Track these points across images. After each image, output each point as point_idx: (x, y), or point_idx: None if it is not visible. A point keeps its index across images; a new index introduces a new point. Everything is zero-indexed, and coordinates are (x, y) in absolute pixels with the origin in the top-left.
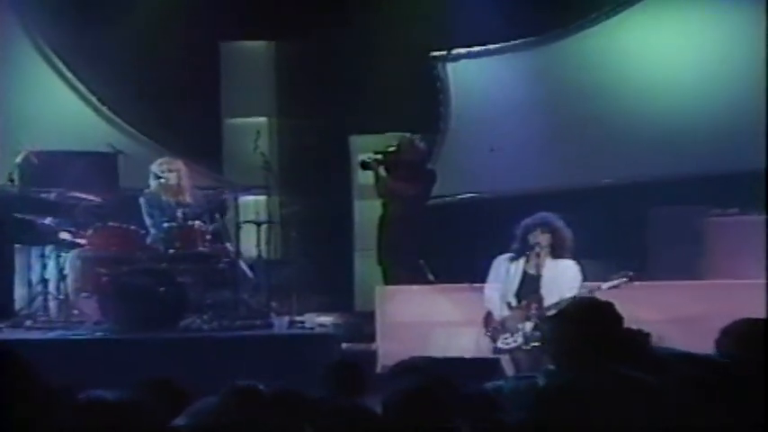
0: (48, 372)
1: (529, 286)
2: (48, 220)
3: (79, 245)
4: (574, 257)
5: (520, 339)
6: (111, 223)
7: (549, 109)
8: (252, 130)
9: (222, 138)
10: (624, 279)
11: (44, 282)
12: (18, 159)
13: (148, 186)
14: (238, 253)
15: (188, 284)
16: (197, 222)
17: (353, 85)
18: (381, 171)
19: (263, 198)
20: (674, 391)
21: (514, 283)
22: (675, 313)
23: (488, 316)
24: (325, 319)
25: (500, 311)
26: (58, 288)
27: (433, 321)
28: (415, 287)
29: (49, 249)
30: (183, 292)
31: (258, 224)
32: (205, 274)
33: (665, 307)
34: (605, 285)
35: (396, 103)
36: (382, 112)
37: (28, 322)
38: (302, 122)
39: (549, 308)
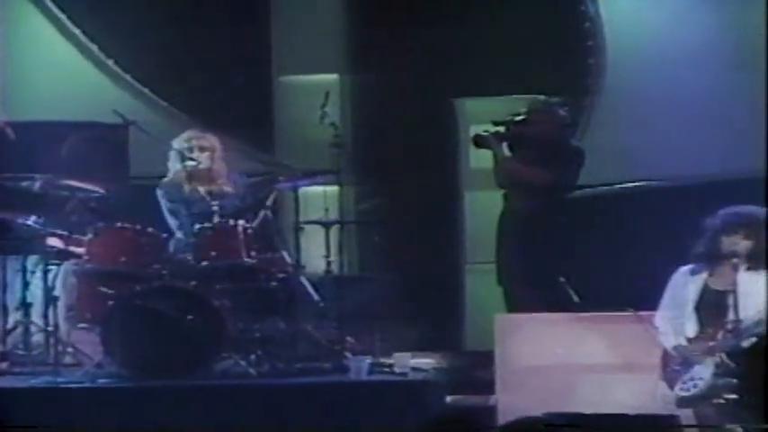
0: None
1: (715, 308)
2: (30, 220)
3: (74, 255)
4: None
5: (704, 383)
6: (118, 224)
7: (741, 62)
8: (317, 91)
9: (273, 103)
10: None
11: (25, 307)
12: None
13: (170, 172)
14: (298, 266)
15: (227, 310)
16: (239, 222)
17: (461, 27)
18: (503, 150)
19: (332, 188)
20: None
21: (696, 305)
22: None
23: (665, 355)
24: (424, 360)
25: (676, 344)
26: (44, 316)
27: (578, 363)
28: (551, 315)
29: (31, 261)
30: (220, 321)
31: (326, 225)
32: (251, 297)
33: None
34: None
35: (523, 53)
36: (503, 65)
37: (2, 365)
38: (389, 81)
39: (744, 337)
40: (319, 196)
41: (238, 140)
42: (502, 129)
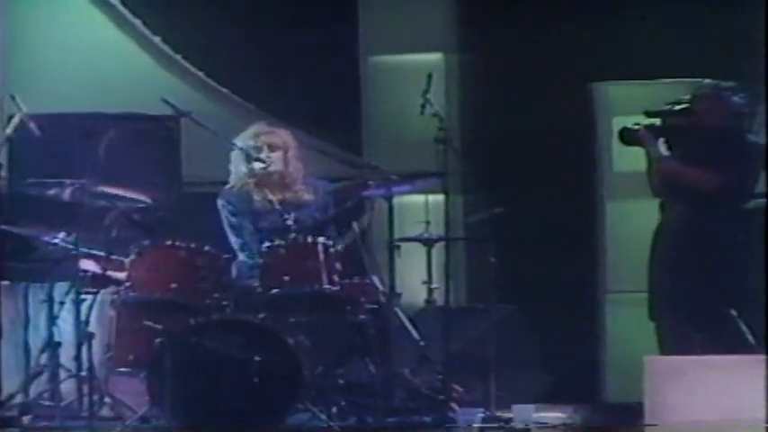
0: None
1: None
2: (58, 238)
3: (113, 281)
4: None
5: None
6: (168, 242)
7: None
8: (416, 75)
9: (361, 90)
10: None
11: (52, 347)
12: (8, 130)
13: (233, 176)
14: (393, 294)
15: (304, 350)
16: (320, 239)
17: None
18: (658, 148)
19: (436, 196)
20: None
21: None
22: None
23: None
24: (551, 414)
25: None
26: (76, 358)
27: (751, 420)
28: (717, 359)
29: (60, 289)
30: (295, 363)
31: (428, 243)
32: (334, 333)
33: None
34: None
35: (683, 25)
36: (658, 40)
37: (24, 419)
38: (508, 60)
39: None
40: (419, 206)
41: (317, 137)
42: (656, 121)
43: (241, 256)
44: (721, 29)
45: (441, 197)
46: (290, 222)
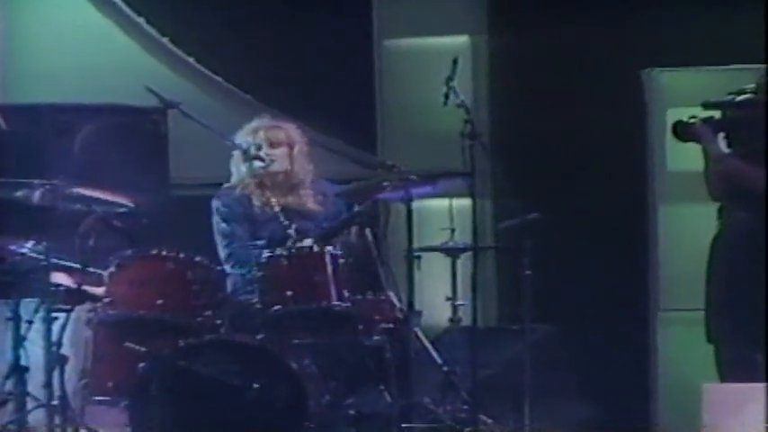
0: None
1: None
2: (26, 247)
3: (90, 297)
4: None
5: None
6: (153, 251)
7: None
8: (439, 60)
9: (374, 77)
10: None
11: (18, 373)
12: None
13: (233, 176)
14: (412, 312)
15: (309, 376)
16: (328, 249)
17: None
18: (718, 144)
19: (461, 200)
20: None
21: None
22: None
23: None
24: None
25: None
26: (47, 385)
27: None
28: None
29: (28, 307)
30: (299, 391)
31: (453, 253)
32: (344, 356)
33: None
34: None
35: (743, 6)
36: (713, 23)
37: None
38: (545, 44)
39: None
40: (443, 211)
41: (324, 132)
42: (716, 113)
43: (229, 268)
44: None
45: (467, 200)
46: (292, 231)
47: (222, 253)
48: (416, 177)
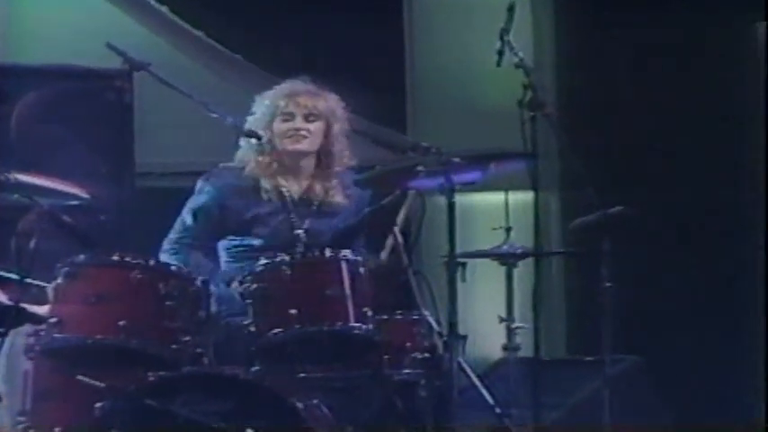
0: None
1: None
2: None
3: (31, 317)
4: None
5: None
6: (114, 257)
7: None
8: (488, 7)
9: (405, 34)
10: None
11: None
12: None
13: (241, 152)
14: (454, 336)
15: (321, 419)
16: (344, 254)
17: None
18: None
19: (520, 193)
20: None
21: None
22: None
23: None
24: None
25: None
26: None
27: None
28: None
29: None
30: None
31: (508, 260)
32: (367, 394)
33: None
34: None
35: None
36: None
37: None
38: None
39: None
40: (495, 205)
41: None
42: None
43: (214, 286)
44: None
45: (527, 191)
46: (302, 231)
47: (221, 259)
48: (460, 160)
